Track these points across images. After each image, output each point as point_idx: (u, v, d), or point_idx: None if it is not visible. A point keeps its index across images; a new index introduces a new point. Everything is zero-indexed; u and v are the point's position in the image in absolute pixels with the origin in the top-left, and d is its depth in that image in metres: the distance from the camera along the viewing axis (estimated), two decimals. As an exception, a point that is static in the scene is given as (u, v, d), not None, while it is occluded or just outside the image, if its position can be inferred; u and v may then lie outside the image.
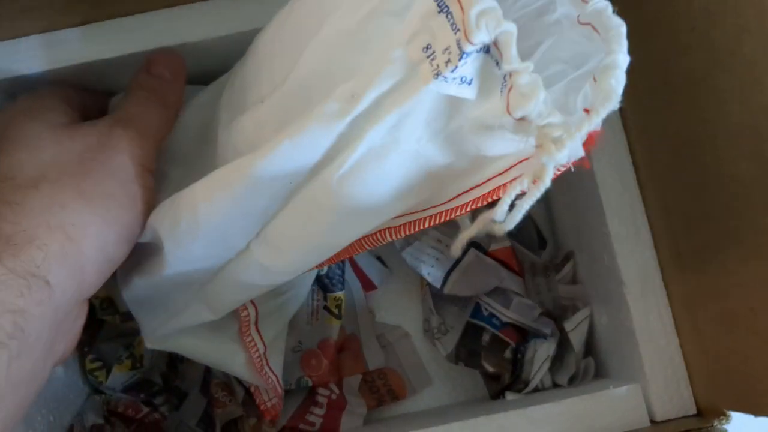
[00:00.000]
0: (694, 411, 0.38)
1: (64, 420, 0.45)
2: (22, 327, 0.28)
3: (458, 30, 0.22)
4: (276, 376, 0.44)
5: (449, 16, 0.22)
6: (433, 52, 0.23)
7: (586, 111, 0.25)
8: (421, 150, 0.27)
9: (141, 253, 0.36)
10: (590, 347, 0.48)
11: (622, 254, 0.40)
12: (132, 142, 0.34)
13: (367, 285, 0.53)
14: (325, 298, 0.48)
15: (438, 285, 0.50)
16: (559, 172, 0.27)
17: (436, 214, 0.29)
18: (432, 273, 0.50)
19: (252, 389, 0.46)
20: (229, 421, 0.49)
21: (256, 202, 0.30)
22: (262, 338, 0.42)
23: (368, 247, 0.33)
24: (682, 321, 0.39)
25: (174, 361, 0.52)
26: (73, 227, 0.31)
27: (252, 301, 0.41)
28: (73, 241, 0.30)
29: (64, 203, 0.31)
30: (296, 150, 0.27)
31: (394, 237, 0.31)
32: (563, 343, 0.48)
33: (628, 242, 0.40)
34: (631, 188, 0.40)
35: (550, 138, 0.23)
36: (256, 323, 0.42)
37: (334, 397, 0.48)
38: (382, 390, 0.51)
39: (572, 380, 0.47)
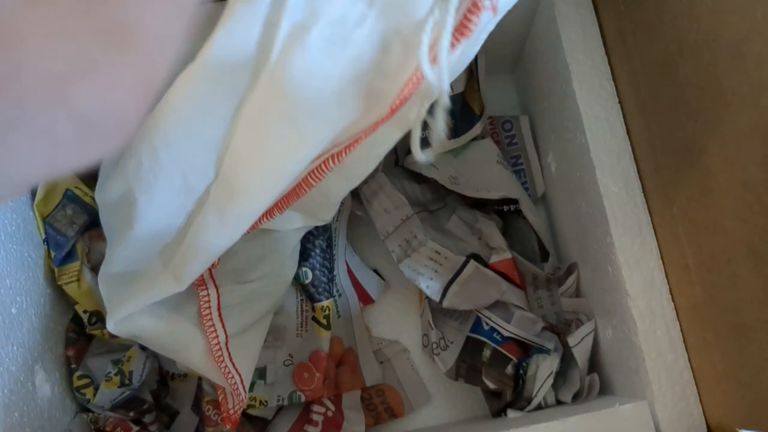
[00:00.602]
0: (704, 429, 0.37)
1: (49, 440, 0.43)
2: None
3: None
4: (240, 376, 0.41)
5: None
6: None
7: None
8: (348, 36, 0.27)
9: (118, 216, 0.37)
10: (595, 362, 0.46)
11: (627, 265, 0.38)
12: None
13: (365, 298, 0.52)
14: (313, 309, 0.47)
15: (437, 298, 0.48)
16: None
17: (370, 126, 0.30)
18: (431, 286, 0.48)
19: (220, 397, 0.44)
20: (221, 440, 0.47)
21: (207, 129, 0.30)
22: (224, 327, 0.41)
23: (314, 183, 0.33)
24: (690, 335, 0.37)
25: (165, 378, 0.50)
26: None
27: (213, 282, 0.40)
28: None
29: None
30: (231, 39, 0.27)
31: (336, 162, 0.31)
32: (567, 359, 0.46)
33: (633, 253, 0.38)
34: (636, 197, 0.39)
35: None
36: (218, 308, 0.41)
37: (330, 414, 0.47)
38: (380, 408, 0.50)
39: (576, 397, 0.45)
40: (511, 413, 0.45)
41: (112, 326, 0.40)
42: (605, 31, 0.41)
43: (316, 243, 0.47)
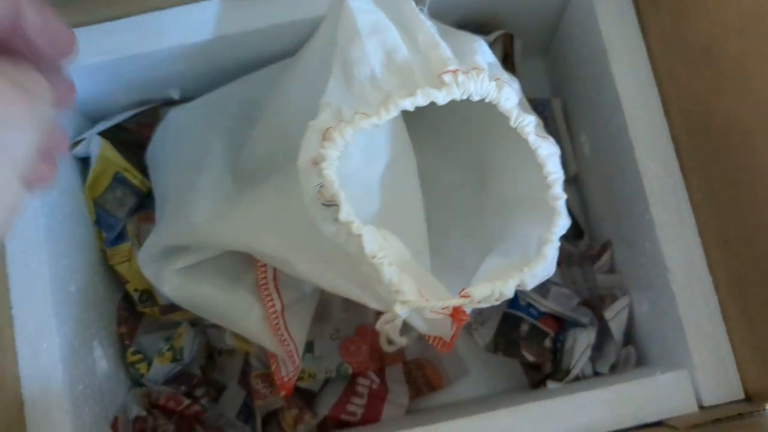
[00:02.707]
0: (742, 396, 0.38)
1: (109, 412, 0.45)
2: None
3: None
4: (295, 344, 0.43)
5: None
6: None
7: (463, 295, 0.32)
8: None
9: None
10: (630, 335, 0.48)
11: (666, 240, 0.40)
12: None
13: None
14: None
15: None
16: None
17: None
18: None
19: (273, 367, 0.46)
20: (269, 412, 0.49)
21: None
22: (280, 296, 0.42)
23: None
24: (728, 307, 0.39)
25: (212, 354, 0.52)
26: None
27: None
28: None
29: None
30: None
31: None
32: (602, 332, 0.48)
33: (671, 228, 0.40)
34: (674, 175, 0.40)
35: (398, 301, 0.31)
36: (274, 280, 0.42)
37: (375, 386, 0.49)
38: (420, 381, 0.52)
39: (613, 369, 0.47)
40: (551, 384, 0.47)
41: (168, 289, 0.42)
42: (642, 15, 0.42)
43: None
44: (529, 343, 0.48)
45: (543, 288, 0.50)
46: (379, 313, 0.49)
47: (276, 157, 0.42)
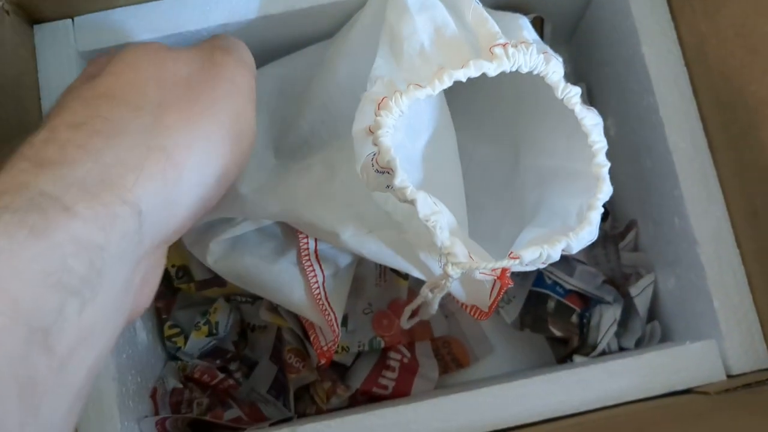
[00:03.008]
0: (768, 364, 0.40)
1: (148, 383, 0.47)
2: (99, 268, 0.23)
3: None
4: (335, 314, 0.44)
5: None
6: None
7: (513, 257, 0.34)
8: None
9: None
10: (654, 312, 0.49)
11: (695, 215, 0.41)
12: (236, 70, 0.32)
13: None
14: None
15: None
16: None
17: None
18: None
19: (312, 337, 0.47)
20: (301, 386, 0.50)
21: None
22: (321, 268, 0.44)
23: None
24: (755, 278, 0.40)
25: (245, 331, 0.53)
26: (176, 149, 0.27)
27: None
28: (176, 165, 0.27)
29: (168, 124, 0.27)
30: None
31: None
32: (627, 309, 0.49)
33: (701, 202, 0.41)
34: (703, 152, 0.42)
35: (450, 263, 0.32)
36: (315, 252, 0.44)
37: (406, 360, 0.50)
38: (447, 358, 0.53)
39: (638, 344, 0.48)
40: (578, 359, 0.48)
41: (213, 261, 0.44)
42: (671, -3, 0.43)
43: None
44: (556, 319, 0.50)
45: (568, 266, 0.51)
46: (413, 290, 0.50)
47: (320, 134, 0.43)
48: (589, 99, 0.55)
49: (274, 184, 0.43)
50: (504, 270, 0.34)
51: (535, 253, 0.34)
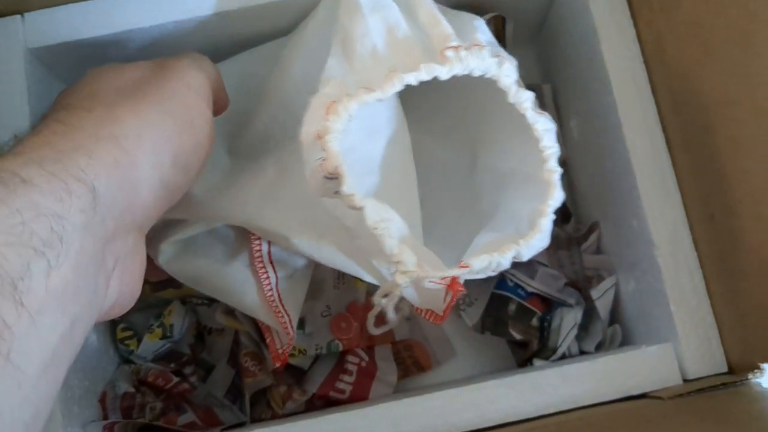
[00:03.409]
0: (725, 369, 0.39)
1: (97, 387, 0.46)
2: (60, 235, 0.25)
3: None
4: (289, 317, 0.43)
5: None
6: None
7: (462, 266, 0.34)
8: None
9: None
10: (615, 315, 0.49)
11: (653, 216, 0.41)
12: (187, 71, 0.34)
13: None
14: None
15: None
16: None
17: None
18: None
19: (267, 339, 0.46)
20: (257, 390, 0.49)
21: None
22: (274, 269, 0.43)
23: None
24: (712, 281, 0.39)
25: (202, 333, 0.52)
26: (126, 139, 0.30)
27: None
28: (126, 151, 0.29)
29: (116, 118, 0.30)
30: None
31: None
32: (588, 312, 0.49)
33: (658, 204, 0.41)
34: (661, 151, 0.41)
35: (399, 271, 0.32)
36: (269, 254, 0.43)
37: (364, 364, 0.49)
38: (408, 362, 0.52)
39: (599, 347, 0.47)
40: (537, 362, 0.47)
41: (164, 262, 0.43)
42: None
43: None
44: (516, 322, 0.49)
45: (530, 269, 0.50)
46: (370, 293, 0.50)
47: (274, 134, 0.42)
48: (555, 100, 0.54)
49: (227, 185, 0.42)
50: (454, 278, 0.33)
51: (485, 261, 0.33)
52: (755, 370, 0.36)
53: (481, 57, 0.34)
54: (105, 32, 0.42)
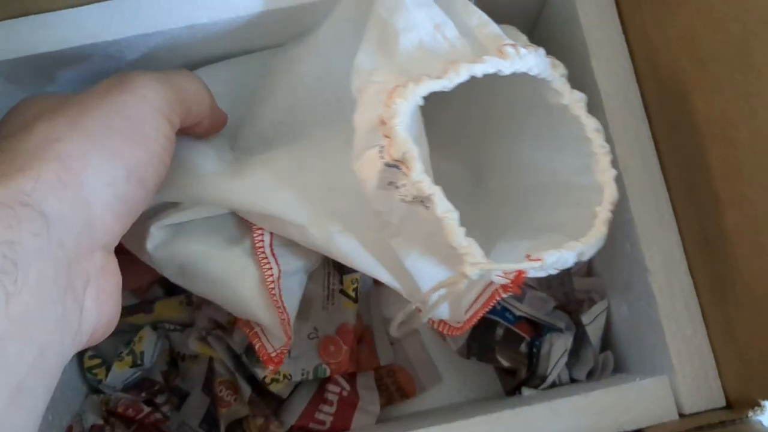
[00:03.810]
0: (723, 403, 0.37)
1: (62, 420, 0.43)
2: (14, 260, 0.25)
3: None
4: (288, 317, 0.40)
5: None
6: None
7: (534, 259, 0.32)
8: None
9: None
10: (607, 341, 0.47)
11: (646, 241, 0.39)
12: (145, 83, 0.33)
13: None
14: (341, 281, 0.46)
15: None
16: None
17: None
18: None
19: (256, 346, 0.42)
20: (234, 421, 0.47)
21: None
22: (277, 262, 0.40)
23: None
24: (709, 309, 0.37)
25: (175, 360, 0.50)
26: (69, 158, 0.29)
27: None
28: (72, 171, 0.29)
29: (59, 137, 0.29)
30: None
31: None
32: (579, 337, 0.47)
33: (652, 228, 0.39)
34: (655, 173, 0.39)
35: (468, 264, 0.31)
36: (271, 246, 0.40)
37: (345, 393, 0.47)
38: (391, 388, 0.50)
39: (590, 375, 0.45)
40: (526, 391, 0.45)
41: (152, 247, 0.40)
42: (621, 7, 0.41)
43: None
44: (503, 348, 0.47)
45: (519, 291, 0.48)
46: (360, 315, 0.47)
47: (283, 134, 0.41)
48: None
49: (232, 172, 0.39)
50: (520, 272, 0.32)
51: (554, 256, 0.32)
52: (756, 408, 0.34)
53: (538, 55, 0.33)
54: (67, 46, 0.40)
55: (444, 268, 0.35)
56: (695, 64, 0.34)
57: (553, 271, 0.34)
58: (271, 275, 0.39)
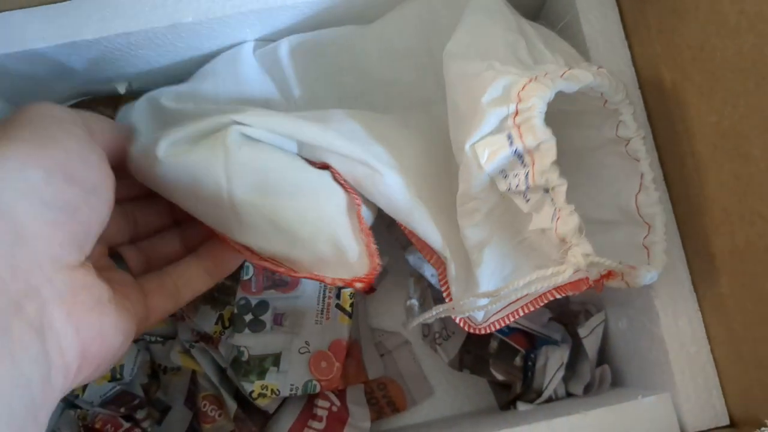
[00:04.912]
0: (726, 422, 0.36)
1: (36, 438, 0.41)
2: None
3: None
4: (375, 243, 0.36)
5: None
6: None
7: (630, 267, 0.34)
8: None
9: None
10: (604, 354, 0.45)
11: (650, 256, 0.37)
12: (48, 105, 0.31)
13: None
14: (338, 296, 0.44)
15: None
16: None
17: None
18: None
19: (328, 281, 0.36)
20: (218, 437, 0.45)
21: None
22: (355, 192, 0.37)
23: None
24: (713, 327, 0.36)
25: (156, 372, 0.48)
26: None
27: None
28: None
29: None
30: None
31: None
32: (575, 351, 0.45)
33: (655, 242, 0.37)
34: (659, 185, 0.38)
35: (579, 254, 0.31)
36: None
37: (334, 409, 0.45)
38: (382, 402, 0.48)
39: (587, 389, 0.44)
40: (521, 406, 0.44)
41: (232, 142, 0.35)
42: (625, 13, 0.39)
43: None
44: (498, 361, 0.45)
45: (514, 303, 0.47)
46: (354, 330, 0.46)
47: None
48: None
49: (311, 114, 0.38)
50: (610, 272, 0.34)
51: (648, 275, 0.34)
52: (762, 428, 0.33)
53: (610, 78, 0.34)
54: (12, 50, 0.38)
55: (509, 262, 0.36)
56: (706, 75, 0.33)
57: (623, 285, 0.35)
58: (358, 201, 0.36)
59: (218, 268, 0.38)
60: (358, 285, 0.34)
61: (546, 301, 0.37)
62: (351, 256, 0.35)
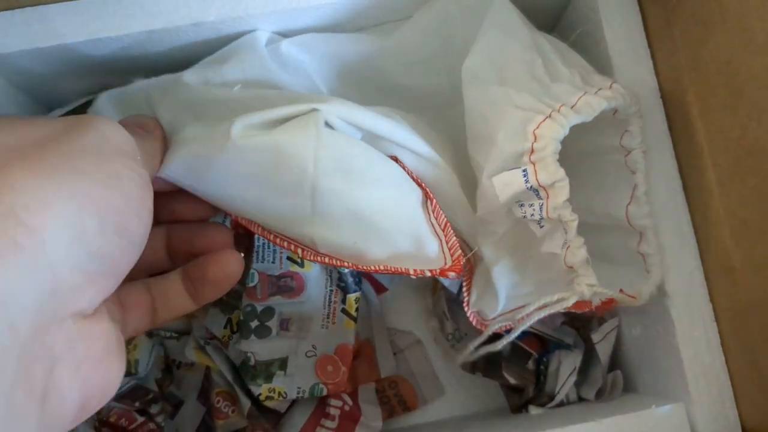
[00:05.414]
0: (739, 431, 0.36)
1: None
2: None
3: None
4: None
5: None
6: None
7: (621, 291, 0.36)
8: None
9: None
10: (616, 359, 0.46)
11: (666, 265, 0.38)
12: (108, 125, 0.28)
13: (378, 287, 0.50)
14: (344, 300, 0.45)
15: (455, 289, 0.47)
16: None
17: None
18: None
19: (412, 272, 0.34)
20: (231, 433, 0.46)
21: None
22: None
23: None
24: (729, 338, 0.37)
25: (170, 366, 0.48)
26: (26, 210, 0.23)
27: None
28: (29, 228, 0.23)
29: (12, 184, 0.23)
30: None
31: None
32: (588, 355, 0.46)
33: (672, 253, 0.38)
34: (677, 196, 0.38)
35: (584, 284, 0.34)
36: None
37: (347, 408, 0.45)
38: (393, 400, 0.49)
39: (599, 394, 0.44)
40: (533, 410, 0.44)
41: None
42: (649, 22, 0.39)
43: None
44: (510, 364, 0.46)
45: (526, 306, 0.47)
46: (359, 334, 0.46)
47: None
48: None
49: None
50: (611, 300, 0.35)
51: (647, 291, 0.36)
52: (776, 440, 0.34)
53: (624, 95, 0.35)
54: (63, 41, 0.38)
55: (521, 279, 0.38)
56: (731, 89, 0.33)
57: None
58: (431, 195, 0.36)
59: (201, 296, 0.35)
60: (451, 275, 0.34)
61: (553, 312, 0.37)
62: (430, 250, 0.34)
